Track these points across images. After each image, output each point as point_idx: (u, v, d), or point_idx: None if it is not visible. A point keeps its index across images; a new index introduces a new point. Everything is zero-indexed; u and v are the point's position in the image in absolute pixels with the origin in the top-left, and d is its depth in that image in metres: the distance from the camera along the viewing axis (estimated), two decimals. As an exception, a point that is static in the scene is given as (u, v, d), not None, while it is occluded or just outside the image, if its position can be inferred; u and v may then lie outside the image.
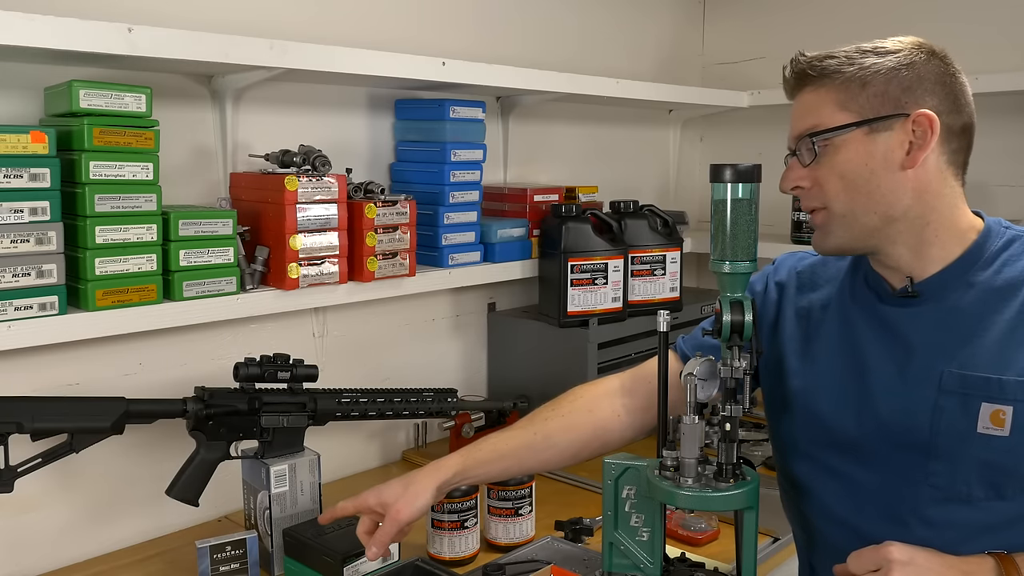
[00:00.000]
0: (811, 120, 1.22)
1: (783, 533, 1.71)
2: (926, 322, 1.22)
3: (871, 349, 1.26)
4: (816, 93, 1.22)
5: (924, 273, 1.23)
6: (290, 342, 1.90)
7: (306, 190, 1.64)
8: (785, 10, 2.82)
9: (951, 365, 1.18)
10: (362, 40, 1.87)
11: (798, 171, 1.24)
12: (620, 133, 2.75)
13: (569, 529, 1.65)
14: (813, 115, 1.22)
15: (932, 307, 1.22)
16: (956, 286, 1.21)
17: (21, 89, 1.52)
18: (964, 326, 1.19)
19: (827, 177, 1.21)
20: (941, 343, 1.20)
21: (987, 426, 1.15)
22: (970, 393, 1.16)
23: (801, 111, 1.25)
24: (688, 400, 1.20)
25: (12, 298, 1.34)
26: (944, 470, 1.19)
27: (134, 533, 1.71)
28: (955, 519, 1.19)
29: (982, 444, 1.15)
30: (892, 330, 1.25)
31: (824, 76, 1.21)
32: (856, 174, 1.20)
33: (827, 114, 1.21)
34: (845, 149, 1.19)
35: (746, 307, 1.18)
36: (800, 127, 1.24)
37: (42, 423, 1.43)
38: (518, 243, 2.13)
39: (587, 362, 2.09)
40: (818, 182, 1.22)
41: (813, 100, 1.23)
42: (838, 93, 1.20)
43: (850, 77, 1.20)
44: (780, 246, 2.52)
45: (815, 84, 1.23)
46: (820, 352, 1.33)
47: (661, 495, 1.20)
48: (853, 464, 1.28)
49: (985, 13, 2.32)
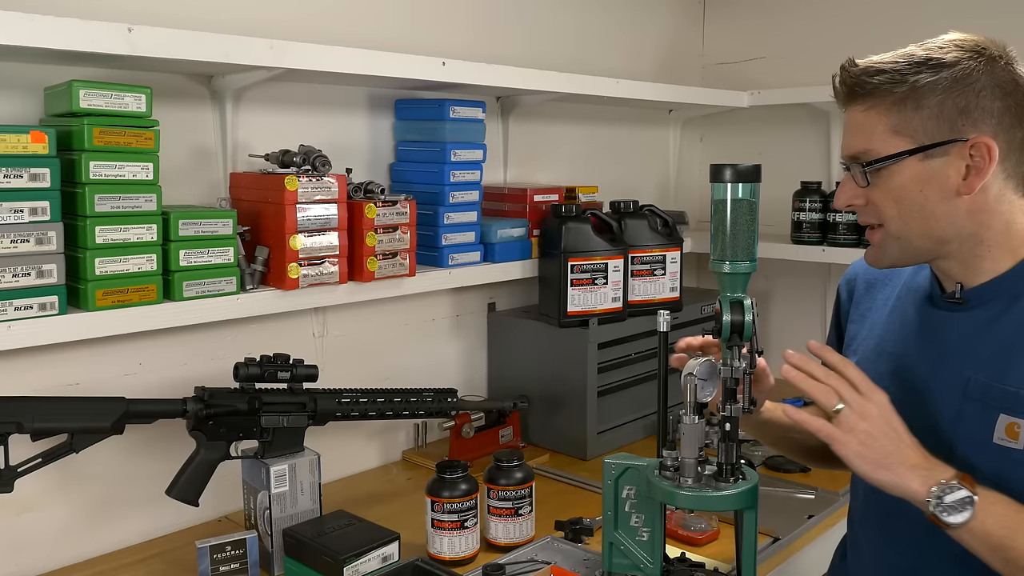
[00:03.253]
0: (863, 143, 1.18)
1: (783, 533, 1.72)
2: (966, 328, 1.22)
3: (910, 348, 1.27)
4: (867, 114, 1.18)
5: (974, 282, 1.22)
6: (290, 342, 1.90)
7: (306, 190, 1.64)
8: (785, 10, 2.82)
9: (979, 374, 1.18)
10: (362, 40, 1.87)
11: (853, 189, 1.21)
12: (620, 133, 2.75)
13: (569, 529, 1.65)
14: (865, 138, 1.18)
15: (976, 315, 1.21)
16: (1004, 297, 1.20)
17: (21, 89, 1.52)
18: (1000, 337, 1.18)
19: (882, 200, 1.19)
20: (974, 350, 1.20)
21: (1002, 437, 1.14)
22: (990, 403, 1.16)
23: (853, 129, 1.21)
24: (688, 400, 1.20)
25: (12, 298, 1.34)
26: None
27: (134, 533, 1.71)
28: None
29: (997, 455, 1.15)
30: (934, 332, 1.26)
31: (875, 95, 1.17)
32: (911, 200, 1.17)
33: (879, 139, 1.17)
34: (899, 175, 1.17)
35: (746, 307, 1.18)
36: (852, 147, 1.20)
37: (42, 423, 1.43)
38: (518, 243, 2.13)
39: (587, 362, 2.09)
40: (873, 202, 1.20)
41: (865, 121, 1.18)
42: (890, 116, 1.16)
43: (903, 97, 1.15)
44: (780, 246, 2.53)
45: (865, 102, 1.18)
46: (869, 348, 1.35)
47: (661, 495, 1.20)
48: None
49: (984, 13, 2.33)
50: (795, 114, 2.72)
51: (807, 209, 2.53)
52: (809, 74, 2.66)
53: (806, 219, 2.53)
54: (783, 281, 2.87)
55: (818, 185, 2.55)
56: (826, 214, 2.50)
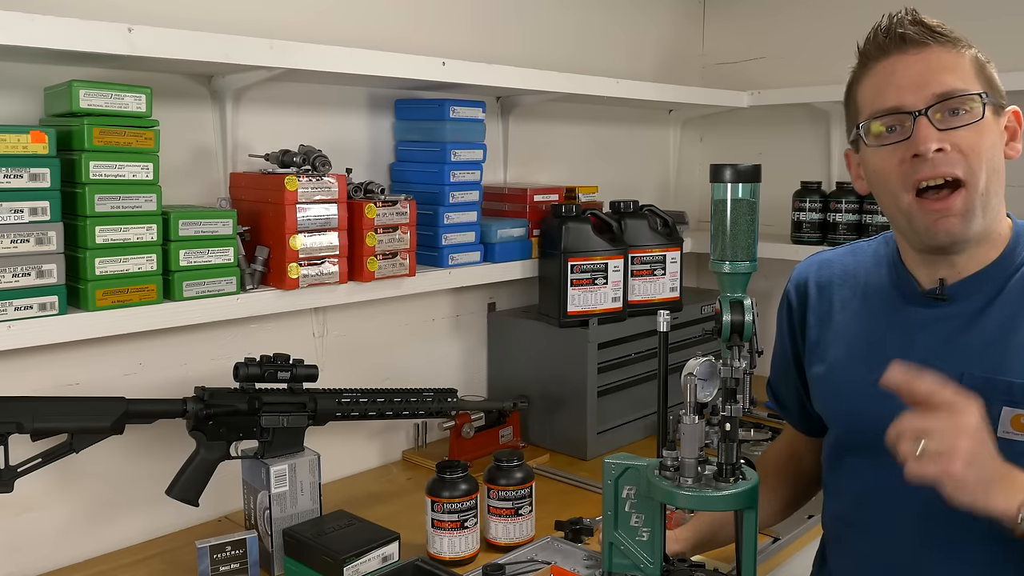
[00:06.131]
0: (955, 81, 1.14)
1: (783, 533, 1.72)
2: (951, 324, 1.20)
3: (890, 349, 1.25)
4: (956, 57, 1.15)
5: (958, 275, 1.21)
6: (290, 342, 1.90)
7: (306, 190, 1.64)
8: (785, 10, 2.82)
9: (973, 368, 1.16)
10: (362, 40, 1.87)
11: (935, 131, 1.13)
12: (620, 133, 2.75)
13: (569, 529, 1.65)
14: (960, 77, 1.14)
15: (959, 309, 1.20)
16: (986, 291, 1.19)
17: (21, 89, 1.52)
18: (989, 330, 1.17)
19: (971, 145, 1.13)
20: (964, 346, 1.18)
21: (1007, 431, 1.13)
22: (991, 397, 1.13)
23: (937, 67, 1.14)
24: (688, 400, 1.20)
25: (12, 298, 1.34)
26: None
27: (134, 533, 1.71)
28: (971, 524, 1.16)
29: (1002, 449, 1.13)
30: (916, 331, 1.24)
31: (958, 45, 1.16)
32: (993, 148, 1.15)
33: (970, 79, 1.14)
34: (983, 122, 1.14)
35: (746, 307, 1.18)
36: (946, 84, 1.13)
37: (42, 423, 1.43)
38: (518, 243, 2.13)
39: (587, 362, 2.09)
40: (959, 148, 1.13)
41: (956, 62, 1.15)
42: (972, 63, 1.15)
43: (975, 54, 1.16)
44: (780, 246, 2.53)
45: (948, 47, 1.16)
46: (840, 353, 1.33)
47: (661, 495, 1.20)
48: (867, 466, 1.27)
49: (983, 12, 2.33)
50: (795, 114, 2.72)
51: (807, 209, 2.53)
52: (809, 74, 2.67)
53: (806, 219, 2.53)
54: (783, 281, 2.85)
55: (818, 185, 2.55)
56: (826, 214, 2.50)
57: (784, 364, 1.47)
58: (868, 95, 1.20)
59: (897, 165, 1.17)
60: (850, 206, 2.45)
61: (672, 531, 1.38)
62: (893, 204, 1.20)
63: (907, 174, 1.16)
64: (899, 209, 1.19)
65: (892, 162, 1.17)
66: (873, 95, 1.19)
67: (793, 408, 1.49)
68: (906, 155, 1.15)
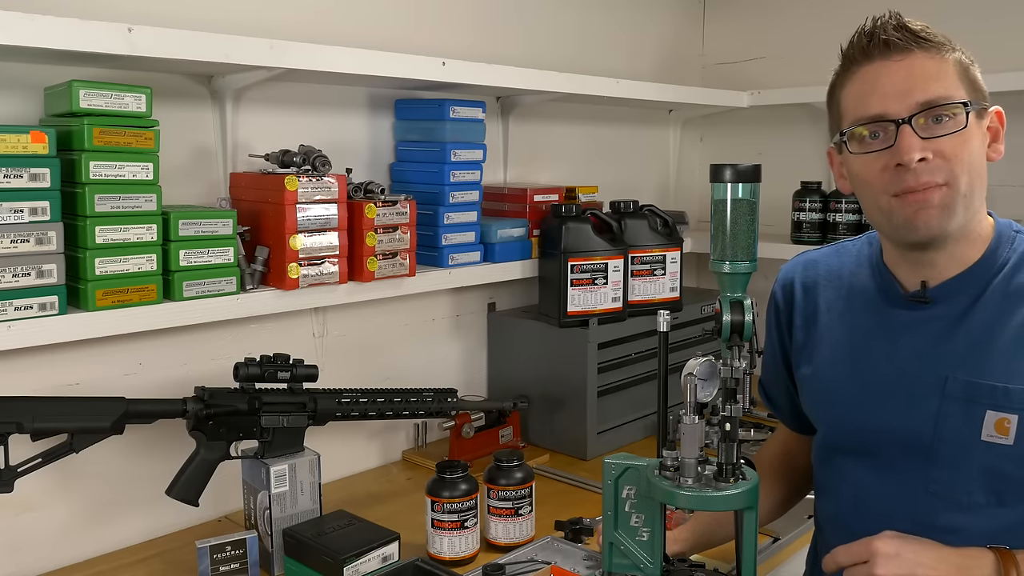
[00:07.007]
0: (942, 89, 1.14)
1: (783, 533, 1.72)
2: (934, 327, 1.20)
3: (874, 351, 1.25)
4: (939, 63, 1.15)
5: (940, 277, 1.21)
6: (290, 342, 1.90)
7: (306, 190, 1.64)
8: (785, 10, 2.82)
9: (957, 372, 1.16)
10: (362, 40, 1.87)
11: (920, 142, 1.13)
12: (620, 133, 2.75)
13: (569, 529, 1.65)
14: (943, 84, 1.14)
15: (941, 312, 1.20)
16: (968, 293, 1.19)
17: (21, 89, 1.52)
18: (972, 332, 1.17)
19: (953, 151, 1.13)
20: (948, 349, 1.18)
21: (991, 434, 1.13)
22: (975, 400, 1.14)
23: (921, 74, 1.14)
24: (688, 400, 1.20)
25: (12, 298, 1.34)
26: (944, 477, 1.18)
27: (134, 533, 1.71)
28: (955, 525, 1.17)
29: (985, 452, 1.14)
30: (898, 333, 1.24)
31: (942, 49, 1.15)
32: (976, 154, 1.16)
33: (953, 87, 1.14)
34: (968, 128, 1.14)
35: (746, 307, 1.18)
36: (930, 92, 1.13)
37: (42, 423, 1.43)
38: (518, 243, 2.13)
39: (587, 362, 2.09)
40: (942, 155, 1.13)
41: (935, 68, 1.15)
42: (955, 68, 1.15)
43: (959, 58, 1.16)
44: (780, 246, 2.53)
45: (929, 51, 1.15)
46: (825, 356, 1.33)
47: (661, 495, 1.20)
48: (855, 467, 1.28)
49: (969, 13, 2.33)
50: (795, 114, 2.72)
51: (807, 209, 2.53)
52: (809, 74, 2.66)
53: (806, 219, 2.53)
54: (783, 281, 2.86)
55: (818, 185, 2.55)
56: (826, 214, 2.50)
57: (774, 364, 1.47)
58: (852, 100, 1.20)
59: (880, 172, 1.17)
60: (850, 206, 2.46)
61: (670, 532, 1.38)
62: (874, 205, 1.21)
63: (890, 182, 1.16)
64: (879, 209, 1.20)
65: (875, 169, 1.18)
66: (856, 101, 1.19)
67: (785, 407, 1.49)
68: (889, 163, 1.16)
